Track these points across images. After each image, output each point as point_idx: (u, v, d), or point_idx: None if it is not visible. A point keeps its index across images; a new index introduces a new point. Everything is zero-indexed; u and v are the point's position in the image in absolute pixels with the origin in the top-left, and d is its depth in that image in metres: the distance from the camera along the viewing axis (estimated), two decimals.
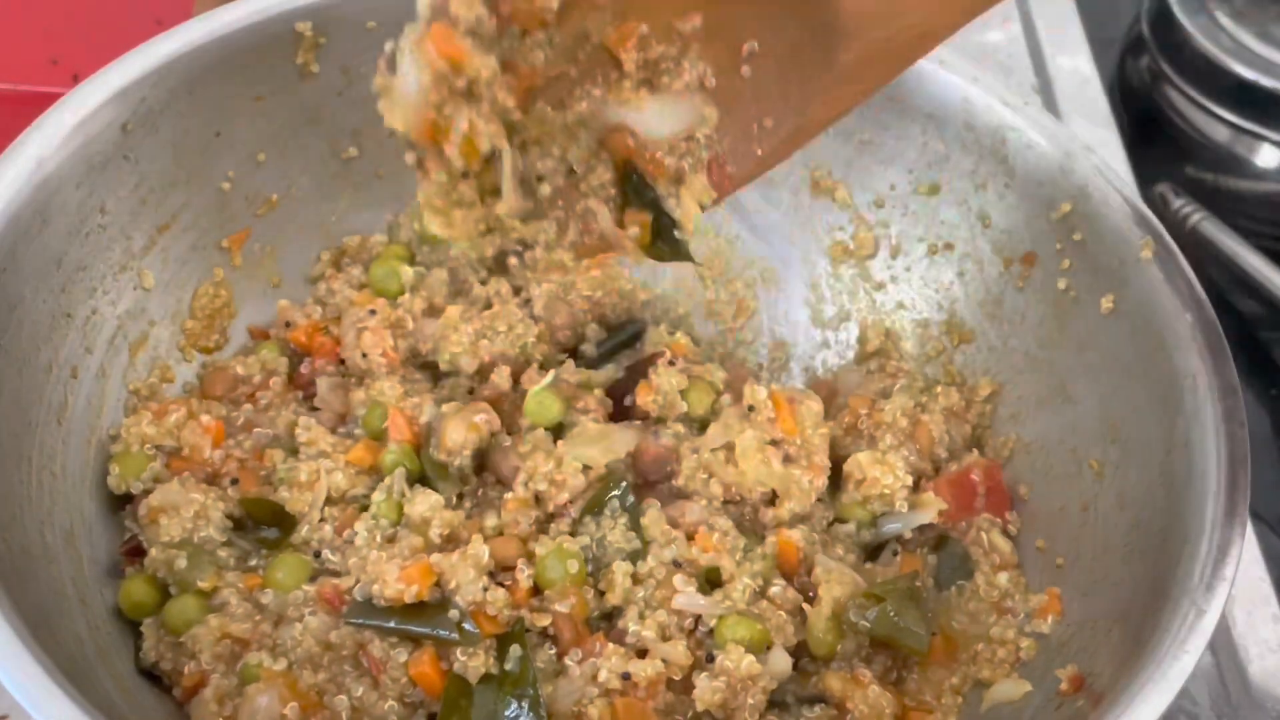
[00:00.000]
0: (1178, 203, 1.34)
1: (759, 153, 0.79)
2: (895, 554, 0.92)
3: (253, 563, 0.85)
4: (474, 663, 0.80)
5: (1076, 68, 1.49)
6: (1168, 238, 0.90)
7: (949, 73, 1.00)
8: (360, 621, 0.80)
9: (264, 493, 0.87)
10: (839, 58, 0.73)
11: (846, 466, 0.93)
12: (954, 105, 1.00)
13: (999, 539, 0.91)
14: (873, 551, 0.93)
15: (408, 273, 1.02)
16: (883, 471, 0.91)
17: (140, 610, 0.84)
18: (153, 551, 0.84)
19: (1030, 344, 0.97)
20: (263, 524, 0.86)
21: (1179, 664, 0.71)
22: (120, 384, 0.92)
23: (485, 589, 0.82)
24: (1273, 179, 1.36)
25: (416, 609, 0.80)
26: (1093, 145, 0.97)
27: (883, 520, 0.93)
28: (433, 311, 1.00)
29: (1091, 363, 0.92)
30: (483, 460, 0.92)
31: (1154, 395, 0.85)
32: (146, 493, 0.87)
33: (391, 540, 0.83)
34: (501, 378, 0.95)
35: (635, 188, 0.78)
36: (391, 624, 0.80)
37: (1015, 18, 1.54)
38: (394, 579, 0.80)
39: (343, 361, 0.98)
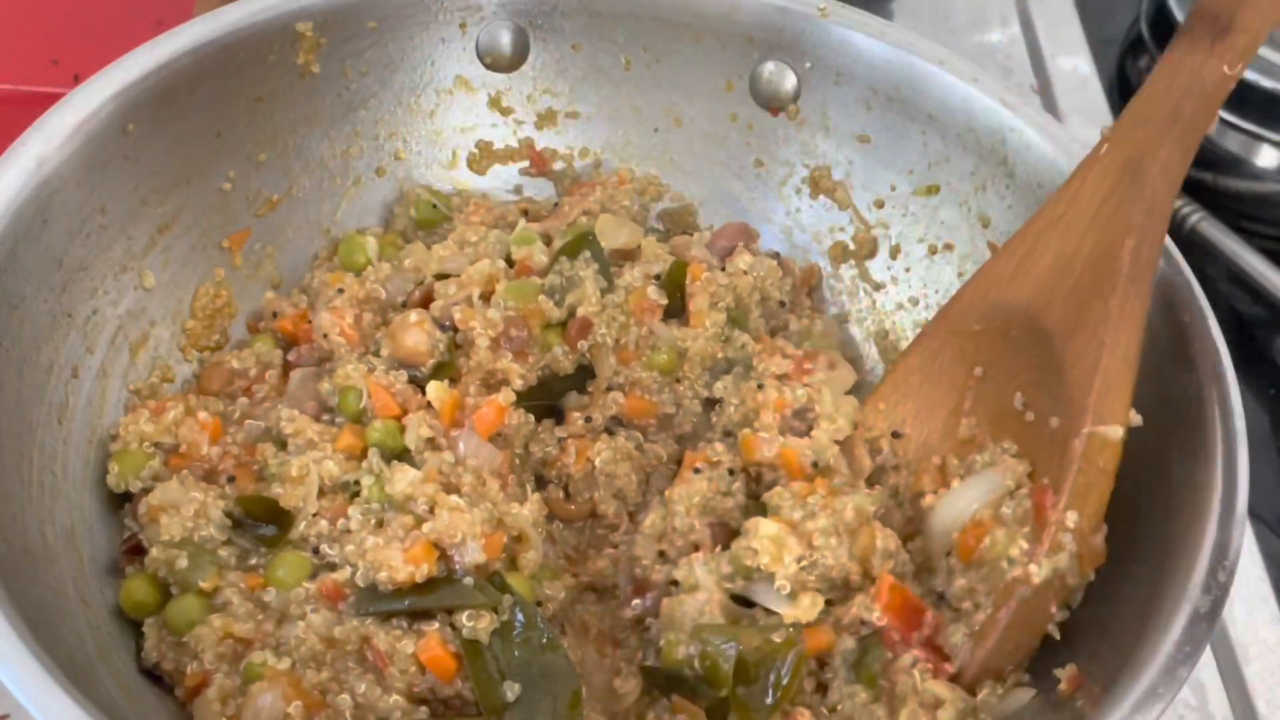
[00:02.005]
0: (1177, 203, 1.34)
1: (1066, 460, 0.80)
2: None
3: (253, 561, 0.85)
4: (482, 624, 0.80)
5: (1076, 68, 1.49)
6: (1166, 238, 0.90)
7: (949, 73, 1.00)
8: (372, 610, 0.80)
9: (259, 489, 0.87)
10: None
11: (747, 524, 0.86)
12: (954, 106, 1.00)
13: (941, 689, 0.79)
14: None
15: (371, 244, 1.02)
16: (772, 552, 0.83)
17: (141, 610, 0.84)
18: (153, 551, 0.84)
19: None
20: (260, 521, 0.86)
21: (1178, 664, 0.70)
22: (121, 384, 0.92)
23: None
24: (1272, 179, 1.36)
25: (427, 586, 0.81)
26: (1093, 146, 0.97)
27: (756, 579, 0.84)
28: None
29: None
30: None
31: (1152, 396, 0.85)
32: (146, 491, 0.86)
33: (381, 524, 0.83)
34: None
35: None
36: (406, 604, 0.80)
37: (1015, 18, 1.54)
38: (401, 563, 0.80)
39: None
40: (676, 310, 0.99)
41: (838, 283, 1.09)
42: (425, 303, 0.96)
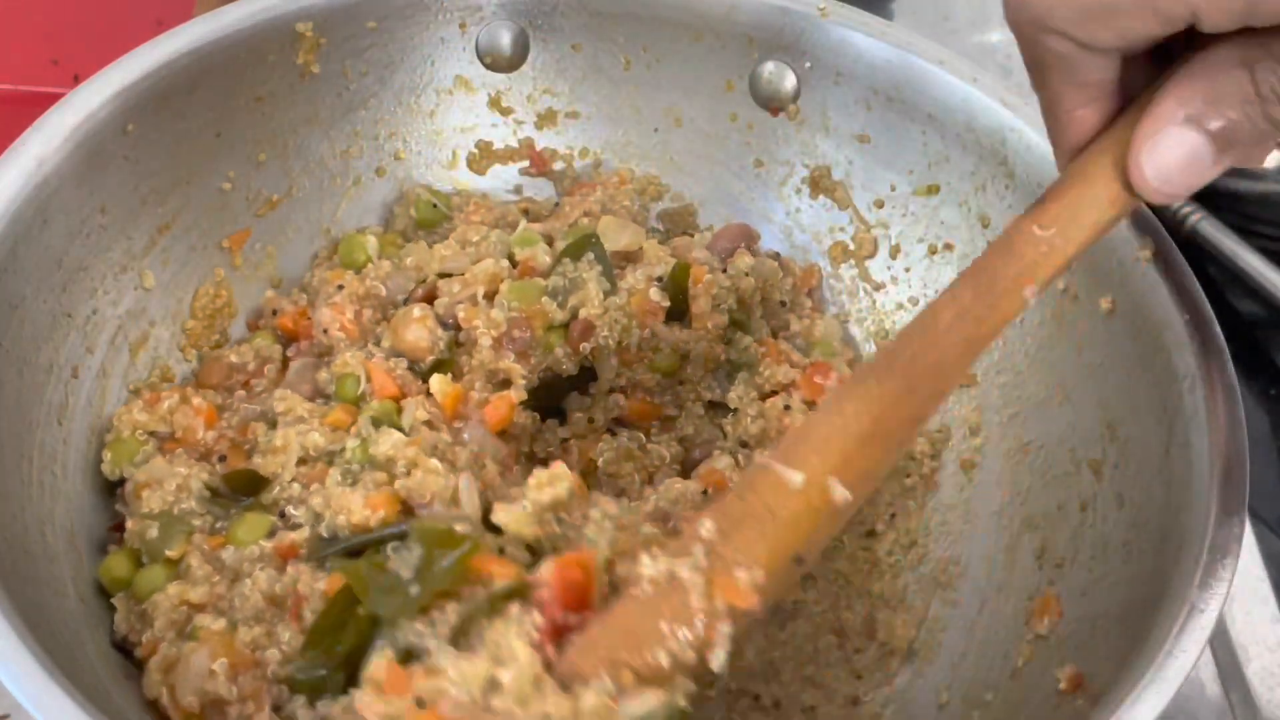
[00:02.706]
0: (1177, 203, 1.33)
1: None
2: None
3: (220, 525, 0.85)
4: (402, 557, 0.74)
5: None
6: (1167, 238, 0.90)
7: (949, 73, 1.00)
8: (319, 555, 0.80)
9: (248, 465, 0.87)
10: None
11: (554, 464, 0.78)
12: (954, 106, 1.00)
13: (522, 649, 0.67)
14: None
15: (372, 242, 1.02)
16: (544, 483, 0.76)
17: (120, 585, 0.83)
18: (129, 524, 0.84)
19: (1029, 344, 0.97)
20: (240, 493, 0.86)
21: (1178, 663, 0.70)
22: (121, 384, 0.92)
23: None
24: (1273, 179, 1.35)
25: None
26: None
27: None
28: None
29: (1090, 363, 0.92)
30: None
31: (1153, 396, 0.85)
32: None
33: (356, 482, 0.82)
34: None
35: None
36: (351, 542, 0.79)
37: None
38: (359, 506, 0.79)
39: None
40: (679, 312, 0.99)
41: (838, 283, 1.09)
42: (428, 300, 0.96)
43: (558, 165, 1.12)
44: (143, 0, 1.19)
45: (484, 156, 1.12)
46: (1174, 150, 0.65)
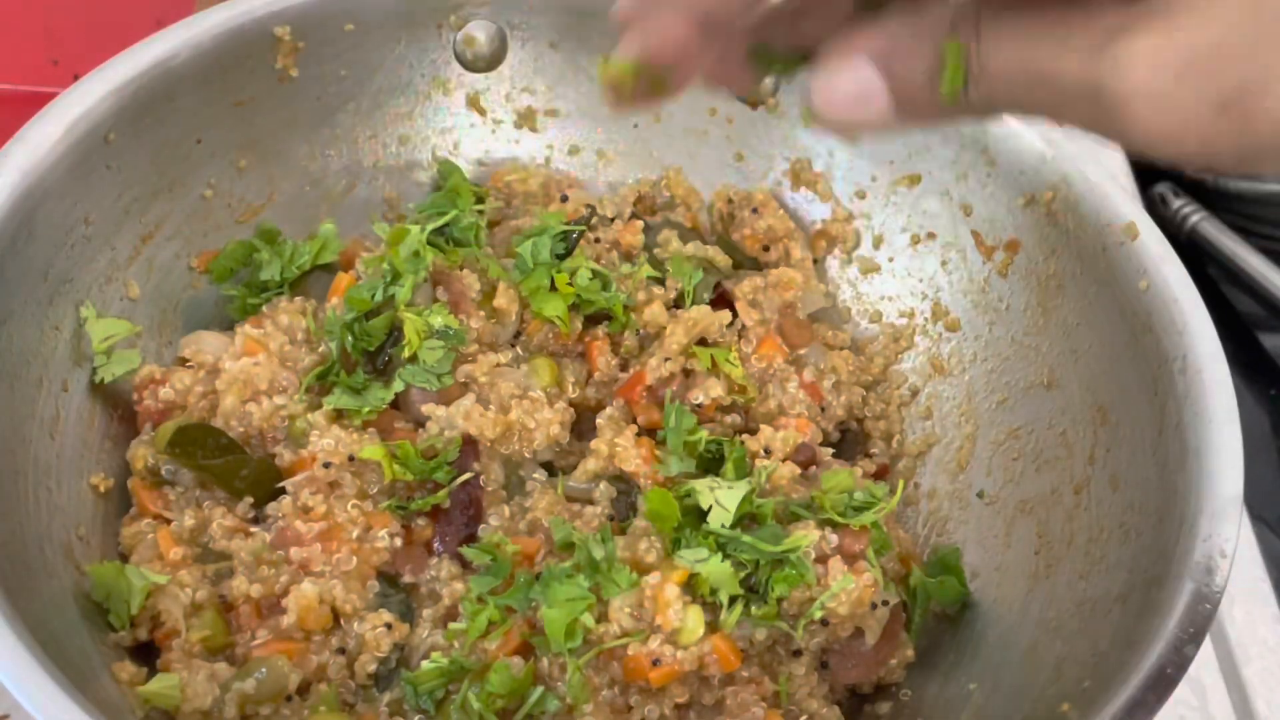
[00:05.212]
0: (1177, 203, 1.34)
1: None
2: None
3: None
4: None
5: None
6: (1150, 221, 0.90)
7: None
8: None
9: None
10: None
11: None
12: None
13: None
14: None
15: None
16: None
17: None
18: None
19: (1016, 330, 0.98)
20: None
21: (1182, 642, 0.71)
22: (110, 396, 0.91)
23: None
24: (1272, 179, 1.36)
25: None
26: (1093, 144, 0.97)
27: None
28: None
29: (1078, 347, 0.93)
30: None
31: (1143, 377, 0.86)
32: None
33: None
34: None
35: None
36: None
37: None
38: None
39: None
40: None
41: (822, 273, 1.09)
42: None
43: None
44: (143, 0, 1.17)
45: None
46: (847, 79, 0.58)
